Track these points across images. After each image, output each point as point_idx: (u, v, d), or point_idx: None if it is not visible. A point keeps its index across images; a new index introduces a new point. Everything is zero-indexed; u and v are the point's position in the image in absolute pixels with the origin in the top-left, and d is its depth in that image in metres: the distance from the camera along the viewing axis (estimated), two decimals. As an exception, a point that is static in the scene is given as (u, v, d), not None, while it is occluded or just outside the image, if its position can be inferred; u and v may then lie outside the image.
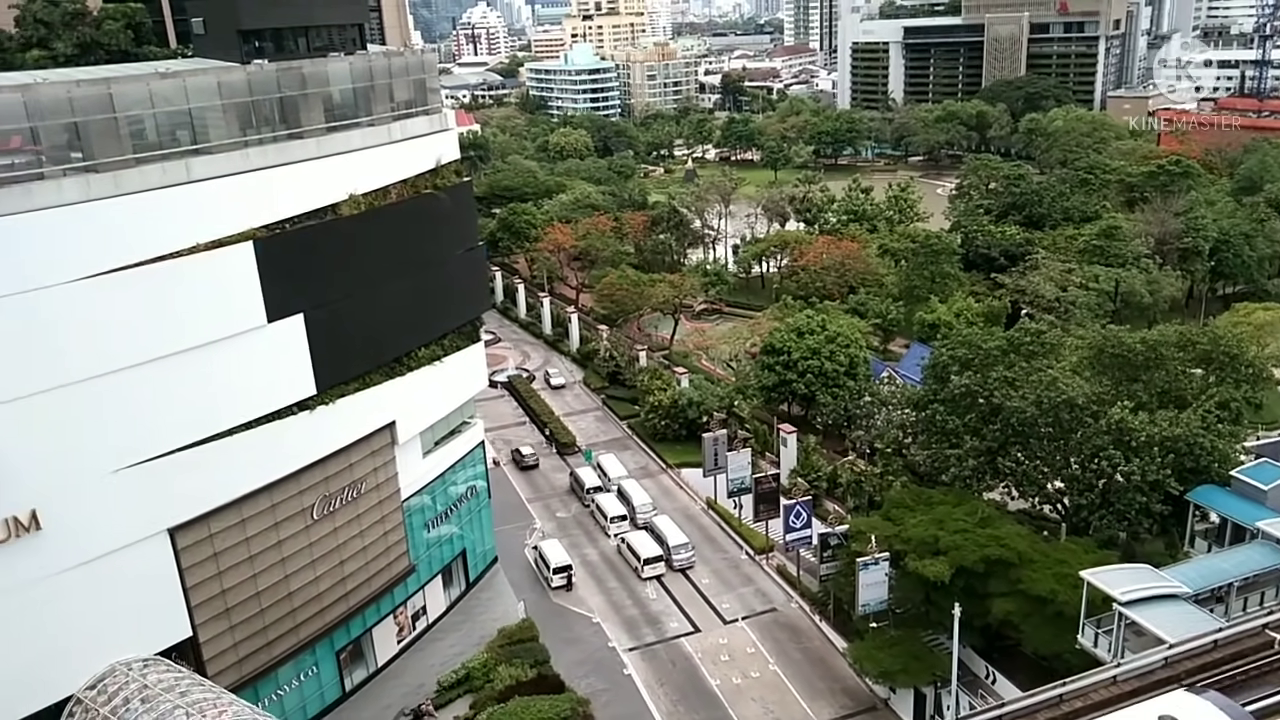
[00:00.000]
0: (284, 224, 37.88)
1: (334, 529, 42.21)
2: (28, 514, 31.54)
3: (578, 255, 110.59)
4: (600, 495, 65.31)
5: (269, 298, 37.17)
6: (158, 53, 48.50)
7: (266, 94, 37.80)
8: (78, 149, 33.02)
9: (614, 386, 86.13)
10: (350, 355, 41.48)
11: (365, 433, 42.93)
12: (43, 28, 46.52)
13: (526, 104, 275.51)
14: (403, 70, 44.21)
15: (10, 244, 30.26)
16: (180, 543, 36.15)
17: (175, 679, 34.15)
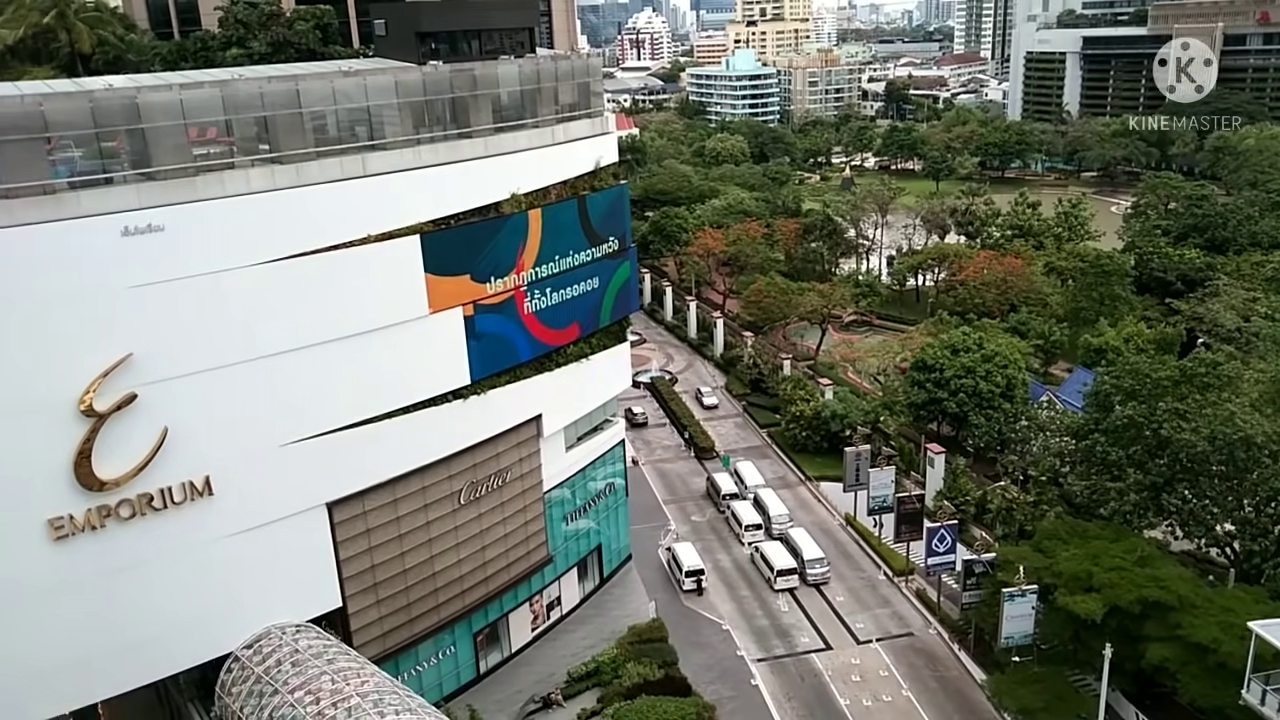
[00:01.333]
0: (449, 219, 39.43)
1: (479, 514, 43.64)
2: (203, 480, 33.94)
3: (727, 260, 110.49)
4: (736, 502, 65.04)
5: (432, 289, 38.79)
6: (342, 52, 51.32)
7: (439, 94, 39.41)
8: (265, 141, 35.28)
9: (756, 394, 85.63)
10: (502, 349, 42.73)
11: (513, 424, 44.20)
12: (242, 28, 50.02)
13: (685, 109, 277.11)
14: (568, 74, 45.27)
15: (203, 227, 32.64)
16: (337, 517, 38.15)
17: (324, 646, 36.06)
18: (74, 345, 30.48)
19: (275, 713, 32.30)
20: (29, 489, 30.72)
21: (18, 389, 29.90)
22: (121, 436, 31.69)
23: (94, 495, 31.70)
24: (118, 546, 32.55)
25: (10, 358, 29.67)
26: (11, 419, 29.88)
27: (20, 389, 29.95)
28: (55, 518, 31.23)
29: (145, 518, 32.91)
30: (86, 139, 31.88)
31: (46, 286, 29.90)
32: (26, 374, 30.01)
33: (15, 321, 29.56)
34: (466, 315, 40.72)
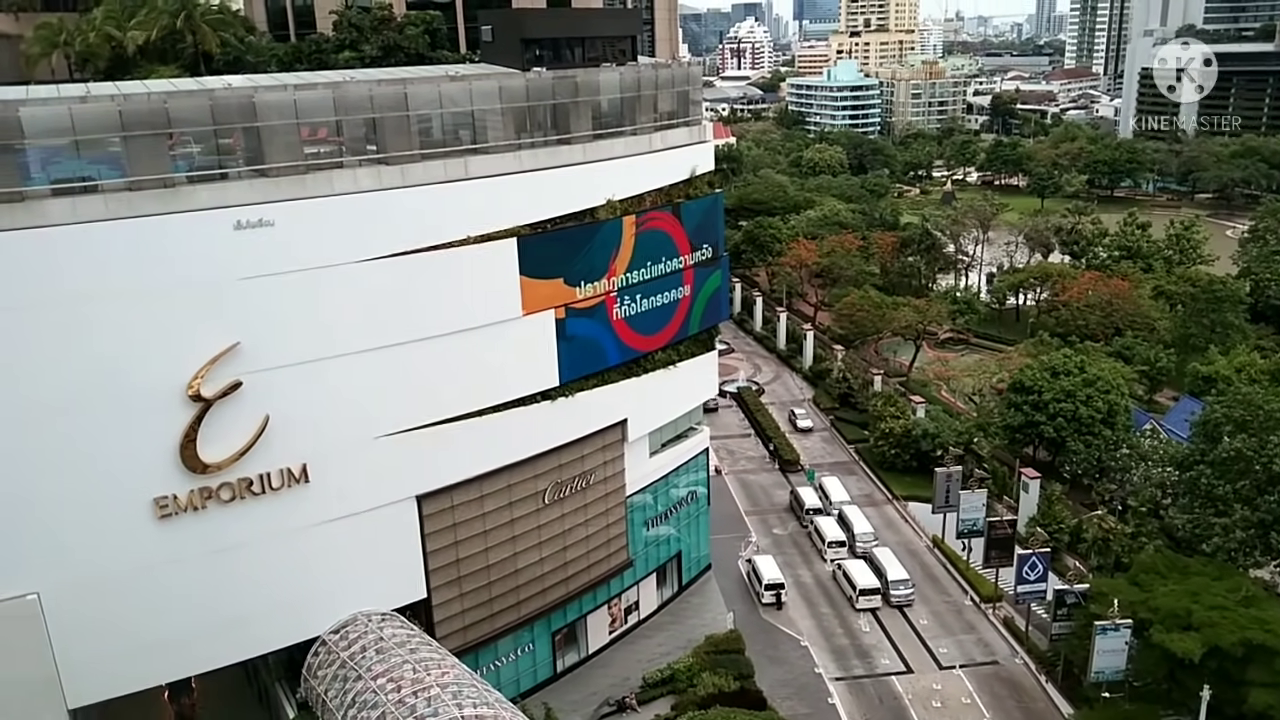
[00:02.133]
0: (545, 224, 40.00)
1: (562, 515, 44.11)
2: (300, 467, 35.11)
3: (820, 272, 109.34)
4: (820, 518, 64.26)
5: (526, 291, 39.42)
6: (449, 57, 52.53)
7: (541, 100, 40.04)
8: (373, 142, 36.36)
9: (844, 408, 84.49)
10: (591, 353, 43.12)
11: (599, 427, 44.58)
12: (355, 31, 51.63)
13: (784, 118, 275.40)
14: (668, 82, 45.51)
15: (311, 224, 33.81)
16: (426, 510, 39.03)
17: (408, 635, 36.89)
18: (185, 333, 31.91)
19: (358, 698, 33.16)
20: (138, 468, 32.23)
21: (132, 373, 31.39)
22: (225, 422, 33.02)
23: (197, 477, 33.09)
24: (217, 528, 33.91)
25: (126, 343, 31.18)
26: (125, 401, 31.40)
27: (134, 373, 31.44)
28: (161, 497, 32.71)
29: (244, 501, 34.21)
30: (205, 135, 33.35)
31: (163, 275, 31.34)
32: (140, 359, 31.49)
33: (133, 308, 31.06)
34: (558, 318, 41.24)
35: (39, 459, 30.72)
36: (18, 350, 29.80)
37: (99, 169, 31.96)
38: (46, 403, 30.41)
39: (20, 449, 30.43)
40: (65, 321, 30.20)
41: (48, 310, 29.92)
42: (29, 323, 29.79)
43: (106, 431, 31.38)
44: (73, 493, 31.35)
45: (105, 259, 30.55)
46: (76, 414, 30.85)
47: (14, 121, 29.68)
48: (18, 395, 30.07)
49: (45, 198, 30.06)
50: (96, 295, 30.46)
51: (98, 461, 31.49)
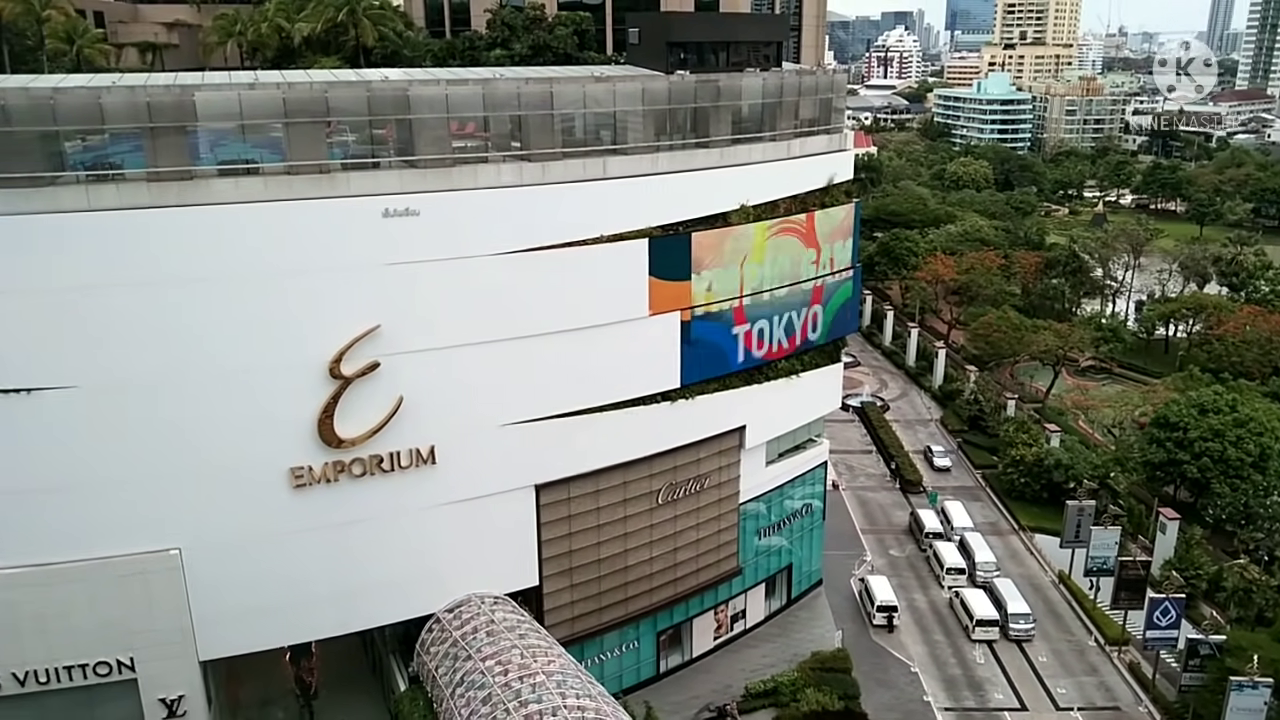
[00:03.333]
0: (677, 225, 40.22)
1: (674, 516, 44.27)
2: (428, 449, 36.36)
3: (956, 289, 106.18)
4: (939, 542, 62.47)
5: (654, 292, 39.74)
6: (596, 58, 53.38)
7: (683, 103, 40.26)
8: (517, 139, 37.36)
9: (973, 432, 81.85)
10: (714, 357, 43.10)
11: (717, 431, 44.51)
12: (507, 30, 53.11)
13: (929, 130, 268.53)
14: (811, 89, 45.07)
15: (454, 215, 34.94)
16: (543, 499, 39.82)
17: (518, 620, 37.71)
18: (331, 312, 33.47)
19: (466, 677, 34.08)
20: (278, 439, 34.00)
21: (279, 347, 33.16)
22: (362, 400, 34.48)
23: (332, 451, 34.68)
24: (347, 501, 35.45)
25: (276, 319, 32.95)
26: (271, 374, 33.20)
27: (281, 347, 33.20)
28: (297, 468, 34.41)
29: (374, 477, 35.65)
30: (361, 125, 34.95)
31: (314, 257, 32.96)
32: (288, 335, 33.21)
33: (285, 286, 32.79)
34: (683, 320, 41.40)
35: (191, 423, 32.76)
36: (179, 319, 31.85)
37: (261, 152, 33.88)
38: (201, 370, 32.43)
39: (176, 412, 32.53)
40: (223, 295, 32.10)
41: (209, 284, 31.87)
42: (193, 295, 31.78)
43: (252, 401, 33.23)
44: (218, 456, 33.33)
45: (263, 238, 32.33)
46: (226, 383, 32.77)
47: (189, 105, 31.72)
48: (175, 362, 32.15)
49: (212, 177, 32.07)
50: (253, 272, 32.29)
51: (242, 429, 33.38)
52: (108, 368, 31.50)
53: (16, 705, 33.66)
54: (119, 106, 31.32)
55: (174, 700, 35.21)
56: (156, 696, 35.02)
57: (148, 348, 31.75)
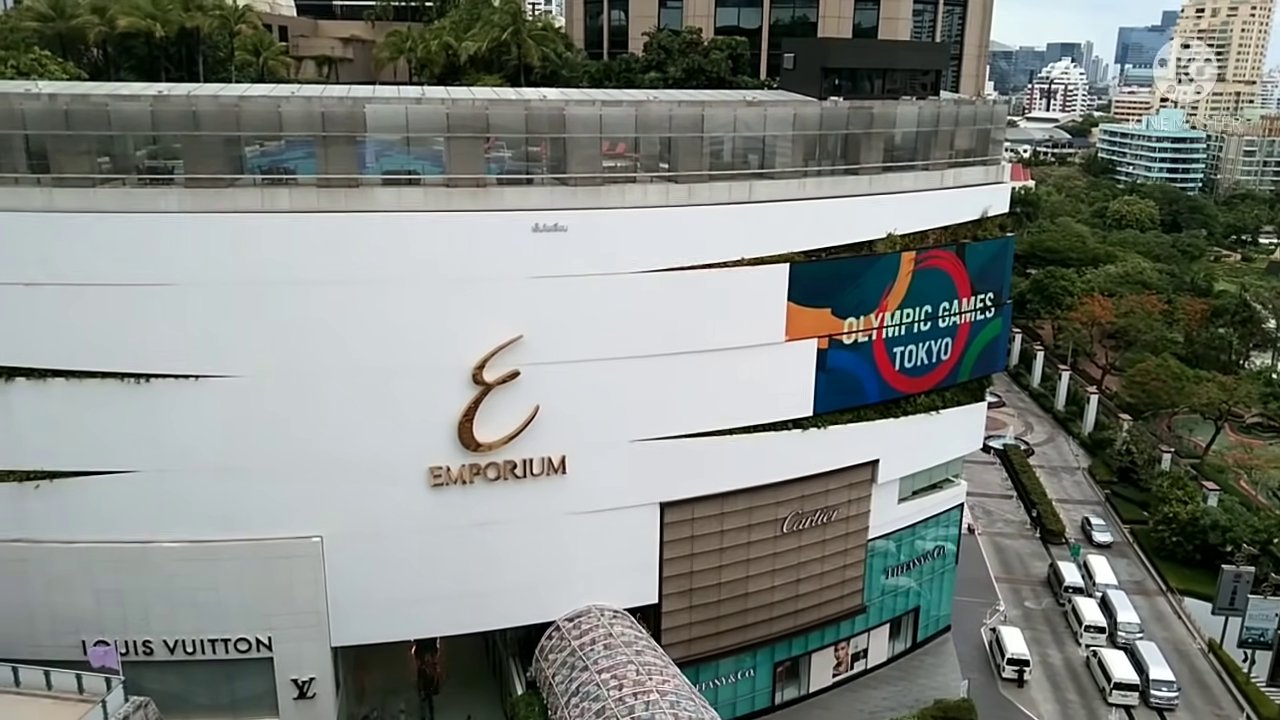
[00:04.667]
0: (820, 252, 39.84)
1: (799, 546, 43.64)
2: (559, 459, 37.12)
3: (1113, 333, 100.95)
4: (1079, 598, 59.36)
5: (792, 318, 39.44)
6: (749, 82, 53.40)
7: (834, 129, 39.96)
8: (666, 160, 37.86)
9: (1123, 484, 77.52)
10: (850, 387, 42.37)
11: (848, 464, 43.71)
12: (663, 53, 53.71)
13: (1091, 166, 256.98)
14: (969, 119, 43.97)
15: (600, 232, 35.62)
16: (667, 518, 39.98)
17: (635, 636, 37.89)
18: (478, 321, 34.67)
19: (582, 688, 34.46)
20: (420, 438, 35.39)
21: (427, 351, 34.55)
22: (500, 407, 35.54)
23: (469, 454, 35.83)
24: (480, 503, 36.54)
25: (426, 323, 34.36)
26: (417, 376, 34.62)
27: (428, 352, 34.59)
28: (436, 467, 35.71)
29: (506, 483, 36.62)
30: (517, 142, 36.15)
31: (465, 266, 34.23)
32: (436, 340, 34.58)
33: (436, 293, 34.17)
34: (820, 348, 40.91)
35: (341, 416, 34.49)
36: (336, 318, 33.59)
37: (423, 165, 35.50)
38: (352, 368, 34.10)
39: (327, 406, 34.30)
40: (379, 298, 33.72)
41: (366, 286, 33.52)
42: (351, 295, 33.48)
43: (398, 400, 34.72)
44: (363, 451, 34.95)
45: (419, 247, 33.78)
46: (376, 381, 34.35)
47: (360, 116, 33.55)
48: (330, 359, 33.90)
49: (376, 186, 33.79)
50: (408, 278, 33.78)
51: (388, 426, 34.89)
52: (268, 360, 33.51)
53: (165, 671, 35.99)
54: (296, 115, 33.44)
55: (305, 681, 36.91)
56: (290, 676, 36.82)
57: (306, 343, 33.64)
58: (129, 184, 32.81)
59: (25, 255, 31.75)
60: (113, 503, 34.09)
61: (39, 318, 32.28)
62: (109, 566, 34.62)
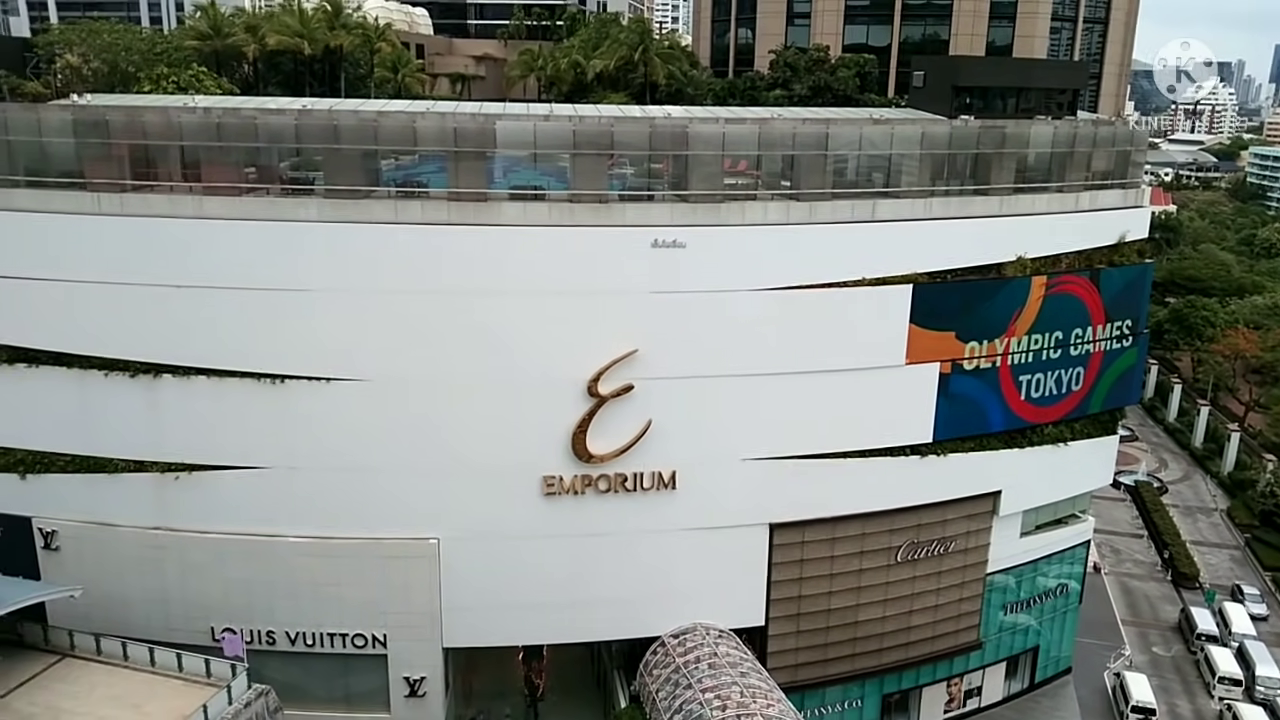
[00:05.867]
0: (945, 273, 38.86)
1: (912, 577, 42.49)
2: (670, 474, 37.20)
3: (1259, 368, 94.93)
4: (1214, 647, 55.89)
5: (913, 340, 38.58)
6: (876, 100, 52.76)
7: (963, 149, 39.03)
8: (788, 178, 37.65)
9: (1265, 528, 72.72)
10: (973, 414, 41.13)
11: (968, 494, 42.37)
12: (788, 71, 53.64)
13: (1239, 191, 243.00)
14: (1107, 140, 42.29)
15: (719, 249, 35.61)
16: (777, 539, 39.51)
17: (740, 657, 37.53)
18: (595, 334, 35.13)
19: (685, 705, 34.31)
20: (535, 446, 36.04)
21: (545, 362, 35.18)
22: (613, 420, 35.87)
23: (582, 465, 36.26)
24: (591, 514, 36.92)
25: (545, 335, 34.99)
26: (535, 386, 35.30)
27: (546, 362, 35.20)
28: (549, 476, 36.28)
29: (617, 495, 36.90)
30: (640, 159, 36.53)
31: (585, 280, 34.75)
32: (553, 351, 35.17)
33: (556, 306, 34.77)
34: (942, 372, 39.85)
35: (460, 422, 35.45)
36: (460, 327, 34.55)
37: (548, 180, 36.25)
38: (473, 375, 35.00)
39: (448, 412, 35.29)
40: (501, 309, 34.57)
41: (489, 297, 34.43)
42: (474, 306, 34.42)
43: (515, 409, 35.46)
44: (480, 457, 35.82)
45: (542, 260, 34.47)
46: (495, 389, 35.17)
47: (490, 132, 34.55)
48: (452, 366, 34.87)
49: (503, 201, 34.69)
50: (529, 290, 34.51)
51: (504, 434, 35.67)
52: (394, 365, 34.72)
53: (286, 661, 37.48)
54: (430, 131, 34.69)
55: (416, 680, 37.91)
56: (402, 674, 37.89)
57: (431, 350, 34.72)
58: (273, 193, 34.60)
59: (176, 259, 33.81)
60: (245, 496, 35.84)
61: (186, 318, 34.27)
62: (239, 557, 36.36)
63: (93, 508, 36.46)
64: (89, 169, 34.49)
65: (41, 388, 35.47)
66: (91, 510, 36.50)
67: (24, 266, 34.38)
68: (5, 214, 34.42)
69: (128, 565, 36.83)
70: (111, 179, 34.20)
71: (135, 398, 35.14)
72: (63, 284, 34.27)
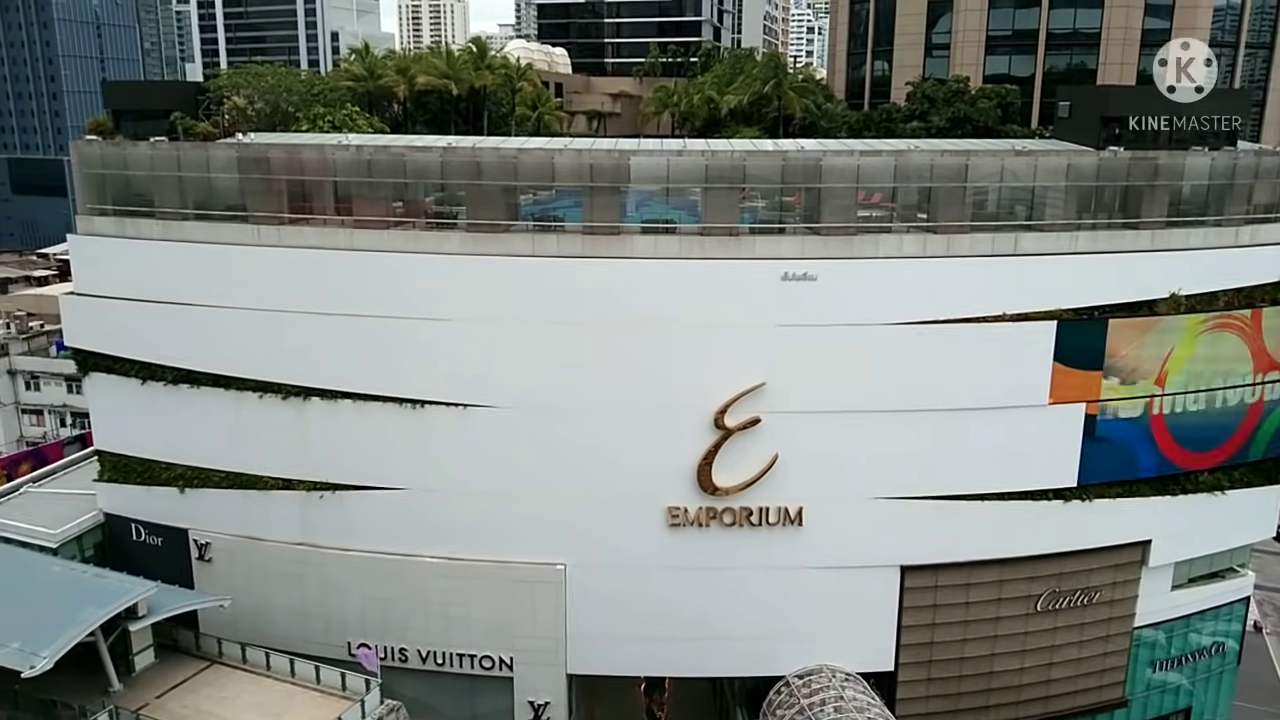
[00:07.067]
0: (1092, 310, 37.22)
1: (1053, 628, 40.46)
2: (796, 510, 36.69)
3: None
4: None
5: (1057, 379, 37.03)
6: (1019, 131, 51.20)
7: (1113, 180, 37.46)
8: (924, 210, 36.94)
9: None
10: (1121, 458, 39.08)
11: (1114, 542, 40.15)
12: (926, 103, 52.68)
13: None
14: (1271, 172, 39.78)
15: (851, 283, 35.19)
16: (908, 582, 38.34)
17: (867, 703, 36.49)
18: (722, 366, 35.12)
19: (809, 748, 33.57)
20: (660, 477, 36.24)
21: (672, 393, 35.37)
22: (740, 452, 35.70)
23: (707, 497, 36.19)
24: (715, 548, 36.76)
25: (673, 366, 35.23)
26: (661, 416, 35.53)
27: (673, 393, 35.38)
28: (674, 507, 36.36)
29: (741, 529, 36.62)
30: (771, 192, 36.54)
31: (714, 313, 34.85)
32: (681, 382, 35.32)
33: (684, 338, 34.98)
34: (1088, 413, 38.02)
35: (588, 451, 35.99)
36: (590, 357, 35.17)
37: (679, 214, 36.64)
38: (602, 405, 35.54)
39: (577, 440, 35.88)
40: (631, 340, 35.06)
41: (620, 328, 34.97)
42: (604, 336, 35.03)
43: (642, 439, 35.79)
44: (607, 485, 36.28)
45: (672, 292, 34.82)
46: (622, 419, 35.60)
47: (625, 168, 35.25)
48: (582, 395, 35.49)
49: (635, 234, 35.27)
50: (659, 321, 34.87)
51: (631, 463, 36.02)
52: (527, 394, 35.62)
53: (416, 679, 38.60)
54: (568, 167, 35.69)
55: (540, 705, 38.39)
56: (527, 698, 38.44)
57: (562, 380, 35.49)
58: (418, 227, 36.19)
59: (326, 288, 35.72)
60: (383, 516, 37.28)
61: (335, 344, 36.10)
62: (376, 575, 37.79)
63: (243, 522, 38.63)
64: (251, 203, 36.91)
65: (202, 407, 37.94)
66: (242, 525, 38.68)
67: (191, 293, 37.00)
68: (177, 244, 37.17)
69: (273, 579, 38.77)
70: (270, 212, 36.49)
71: (286, 419, 37.15)
72: (224, 310, 36.68)
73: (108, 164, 38.82)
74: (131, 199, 38.34)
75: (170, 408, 38.38)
